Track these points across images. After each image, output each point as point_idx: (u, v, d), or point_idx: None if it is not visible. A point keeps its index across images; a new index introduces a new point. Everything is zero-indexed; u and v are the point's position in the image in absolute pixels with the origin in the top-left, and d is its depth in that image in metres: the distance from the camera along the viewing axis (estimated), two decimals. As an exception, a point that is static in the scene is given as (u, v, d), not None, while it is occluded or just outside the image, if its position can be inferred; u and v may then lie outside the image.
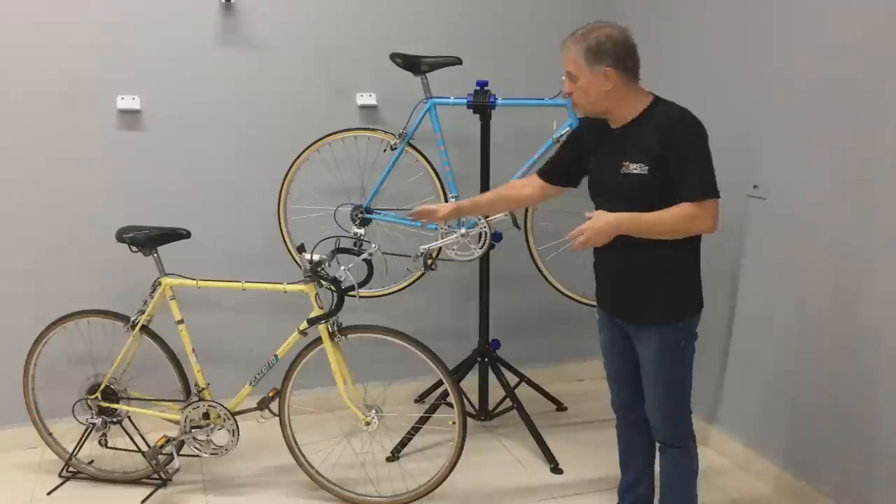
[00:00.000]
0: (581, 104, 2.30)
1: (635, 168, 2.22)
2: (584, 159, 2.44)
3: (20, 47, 3.11)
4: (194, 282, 2.89)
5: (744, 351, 3.13)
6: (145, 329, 2.93)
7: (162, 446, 2.94)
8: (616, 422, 2.64)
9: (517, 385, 3.55)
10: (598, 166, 2.38)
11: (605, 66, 2.21)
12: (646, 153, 2.20)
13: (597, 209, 2.25)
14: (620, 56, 2.22)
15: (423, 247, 3.17)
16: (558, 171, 2.56)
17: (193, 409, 2.93)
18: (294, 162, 3.31)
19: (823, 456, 2.77)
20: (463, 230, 3.17)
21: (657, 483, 2.57)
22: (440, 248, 3.19)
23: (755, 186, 2.96)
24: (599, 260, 2.47)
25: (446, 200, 3.23)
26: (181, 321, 2.92)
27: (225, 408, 2.92)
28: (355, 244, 3.08)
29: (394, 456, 3.25)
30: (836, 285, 2.66)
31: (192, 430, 2.94)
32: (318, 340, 2.84)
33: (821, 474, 2.78)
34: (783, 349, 2.91)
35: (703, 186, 2.19)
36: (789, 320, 2.87)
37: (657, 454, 2.54)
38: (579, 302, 3.41)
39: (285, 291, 2.85)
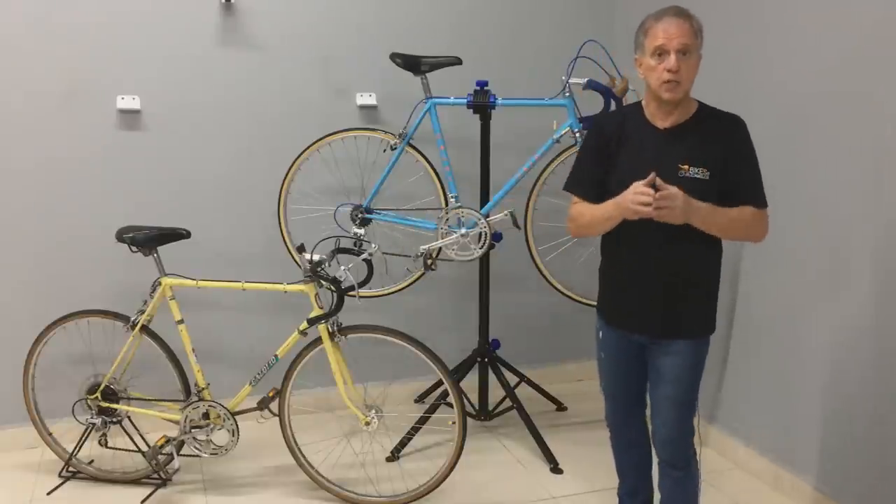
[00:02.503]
0: (683, 85, 2.11)
1: (696, 172, 2.13)
2: (612, 162, 2.25)
3: (20, 47, 3.11)
4: (194, 282, 2.89)
5: (744, 351, 3.13)
6: (145, 329, 2.93)
7: (162, 446, 2.94)
8: (611, 437, 2.57)
9: (517, 385, 3.55)
10: (638, 167, 2.12)
11: (701, 51, 2.14)
12: (706, 158, 2.13)
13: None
14: None
15: (423, 247, 3.17)
16: (600, 188, 2.26)
17: (193, 409, 2.93)
18: (294, 162, 3.30)
19: (824, 456, 2.77)
20: (463, 230, 3.17)
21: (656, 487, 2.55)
22: (440, 248, 3.19)
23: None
24: (629, 272, 2.27)
25: (446, 201, 3.23)
26: (181, 321, 2.92)
27: (225, 408, 2.92)
28: (355, 244, 3.08)
29: (394, 456, 3.25)
30: (836, 285, 2.67)
31: (192, 430, 2.94)
32: (318, 340, 2.84)
33: (821, 474, 2.78)
34: (783, 349, 2.91)
35: (763, 195, 2.19)
36: (789, 320, 2.87)
37: (655, 467, 2.47)
38: (579, 302, 3.41)
39: (285, 291, 2.85)
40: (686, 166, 2.13)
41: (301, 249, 2.80)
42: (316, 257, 2.77)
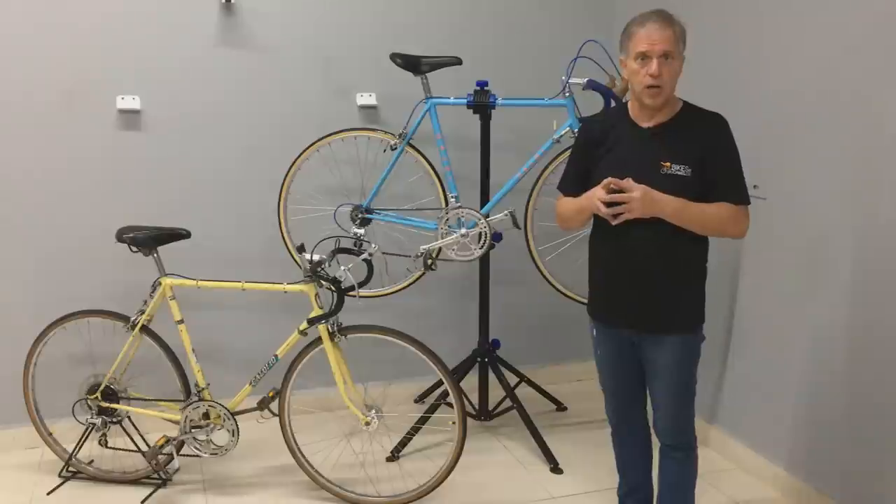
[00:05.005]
0: (665, 90, 2.17)
1: (678, 169, 2.18)
2: (596, 161, 2.31)
3: (20, 47, 3.11)
4: (194, 282, 2.89)
5: (744, 351, 3.13)
6: (145, 329, 2.93)
7: (162, 446, 2.94)
8: (612, 431, 2.59)
9: (517, 385, 3.55)
10: (620, 165, 2.21)
11: (683, 55, 2.21)
12: (688, 155, 2.18)
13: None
14: None
15: (423, 247, 3.17)
16: (584, 183, 2.33)
17: (193, 409, 2.93)
18: (294, 162, 3.30)
19: (824, 456, 2.77)
20: (463, 230, 3.17)
21: (656, 485, 2.56)
22: (440, 249, 3.19)
23: (755, 186, 2.95)
24: (613, 268, 2.32)
25: (446, 201, 3.23)
26: (181, 321, 2.92)
27: (225, 408, 2.92)
28: (355, 244, 3.08)
29: (394, 456, 3.25)
30: (836, 284, 2.66)
31: (192, 430, 2.94)
32: (318, 340, 2.84)
33: (822, 474, 2.78)
34: (783, 349, 2.91)
35: (745, 191, 2.23)
36: (789, 320, 2.87)
37: (655, 458, 2.52)
38: (579, 302, 3.40)
39: (285, 291, 2.85)
40: (668, 163, 2.19)
41: (301, 249, 2.80)
42: (316, 257, 2.77)
